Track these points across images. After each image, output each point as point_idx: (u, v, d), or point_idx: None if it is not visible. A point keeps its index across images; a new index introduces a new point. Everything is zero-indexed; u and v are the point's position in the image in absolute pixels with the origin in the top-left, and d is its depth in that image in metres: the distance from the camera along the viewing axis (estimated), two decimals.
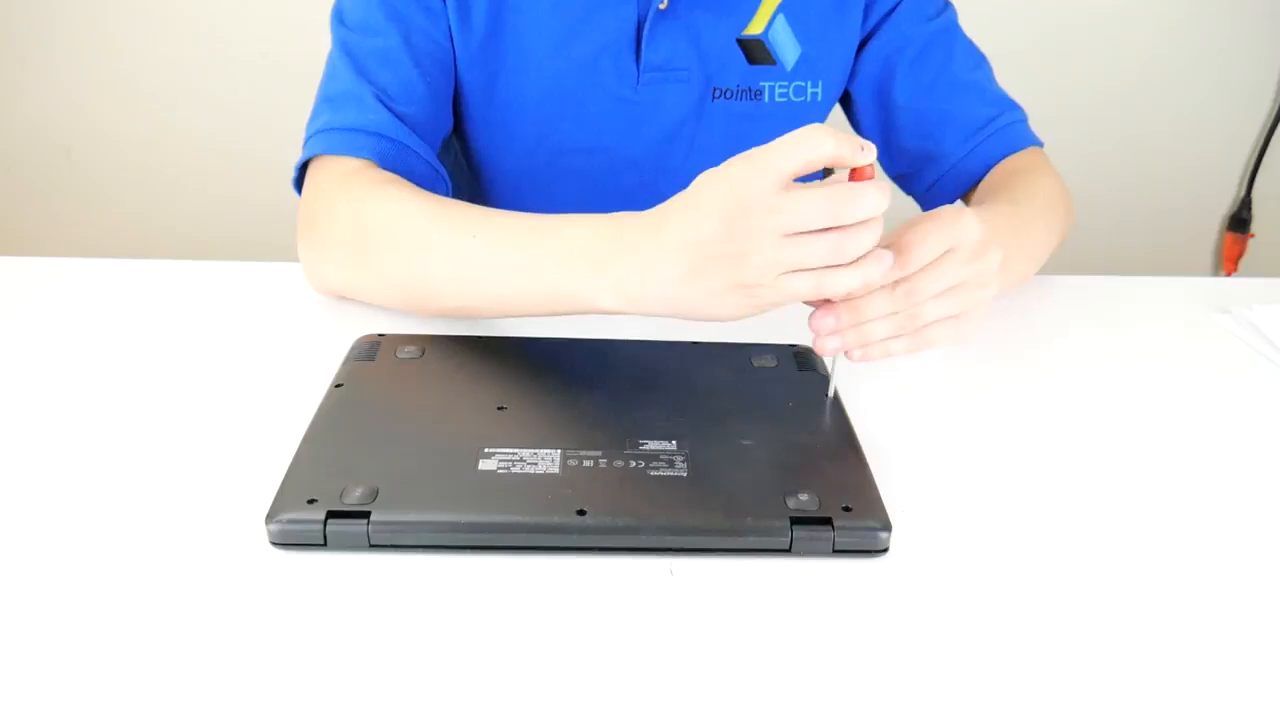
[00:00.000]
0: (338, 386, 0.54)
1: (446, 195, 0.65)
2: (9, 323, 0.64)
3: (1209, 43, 1.62)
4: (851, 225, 0.47)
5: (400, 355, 0.57)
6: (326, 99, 0.70)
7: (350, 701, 0.37)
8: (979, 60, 0.80)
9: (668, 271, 0.50)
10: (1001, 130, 0.77)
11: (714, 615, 0.41)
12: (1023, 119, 0.79)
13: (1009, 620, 0.42)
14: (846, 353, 0.52)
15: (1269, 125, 1.67)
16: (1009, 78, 0.84)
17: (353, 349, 0.58)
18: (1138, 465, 0.53)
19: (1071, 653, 0.40)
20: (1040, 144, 0.78)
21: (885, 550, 0.45)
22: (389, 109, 0.68)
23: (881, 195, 0.47)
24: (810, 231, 0.47)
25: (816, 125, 0.47)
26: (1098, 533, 0.47)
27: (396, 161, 0.67)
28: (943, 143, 0.78)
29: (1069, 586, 0.44)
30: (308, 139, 0.68)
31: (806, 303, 0.51)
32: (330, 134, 0.67)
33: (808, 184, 0.48)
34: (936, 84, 0.78)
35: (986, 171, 0.77)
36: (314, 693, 0.37)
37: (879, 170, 0.49)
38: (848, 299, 0.50)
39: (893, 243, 0.50)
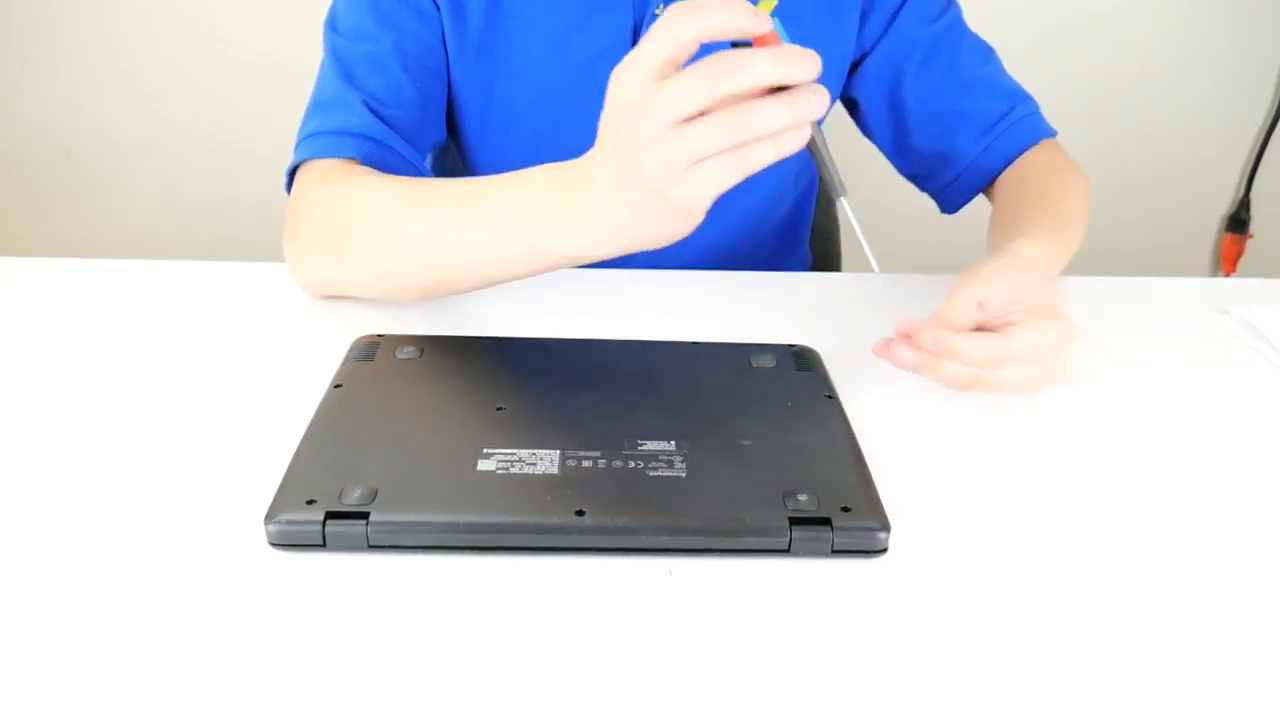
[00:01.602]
0: (337, 387, 0.54)
1: None
2: (9, 323, 0.64)
3: (1209, 43, 1.62)
4: (753, 98, 0.44)
5: (399, 355, 0.57)
6: (315, 105, 0.71)
7: (349, 702, 0.37)
8: (987, 54, 0.79)
9: (598, 200, 0.50)
10: (1016, 124, 0.76)
11: (713, 616, 0.41)
12: (1035, 110, 0.78)
13: (1008, 620, 0.42)
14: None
15: (1268, 125, 1.67)
16: None
17: (352, 349, 0.58)
18: (1137, 465, 0.53)
19: (1070, 653, 0.40)
20: (1054, 133, 0.78)
21: (884, 551, 0.45)
22: (375, 113, 0.69)
23: (781, 62, 0.43)
24: (702, 116, 0.44)
25: (686, 2, 0.45)
26: (1097, 533, 0.47)
27: (380, 162, 0.68)
28: (957, 143, 0.77)
29: (1068, 587, 0.44)
30: (297, 145, 0.69)
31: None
32: (317, 138, 0.68)
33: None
34: (945, 85, 0.78)
35: (1004, 166, 0.76)
36: (313, 694, 0.37)
37: (818, 71, 0.45)
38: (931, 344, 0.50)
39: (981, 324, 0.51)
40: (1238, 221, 1.74)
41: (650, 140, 0.45)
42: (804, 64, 0.45)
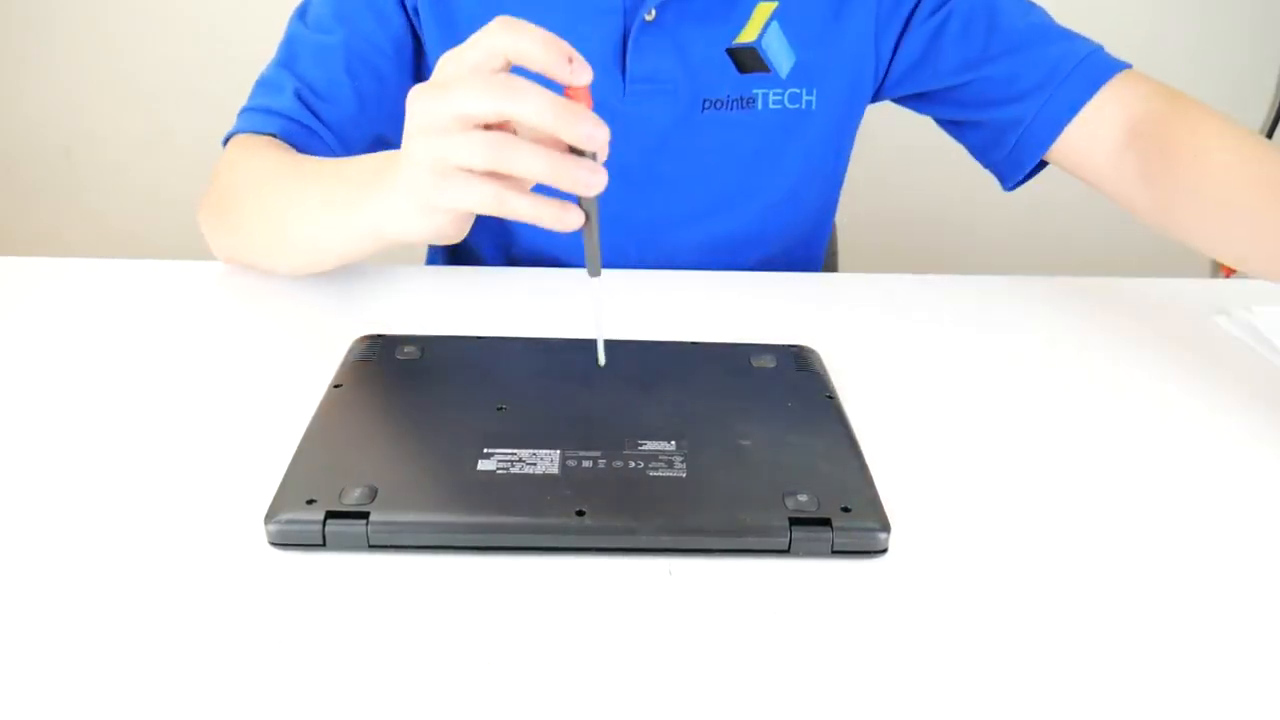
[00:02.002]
0: (337, 387, 0.54)
1: None
2: (9, 323, 0.64)
3: (1209, 43, 1.62)
4: (525, 140, 0.45)
5: (399, 355, 0.57)
6: (257, 83, 0.75)
7: (349, 702, 0.37)
8: (1028, 8, 0.77)
9: (393, 180, 0.51)
10: (1079, 68, 0.72)
11: (713, 616, 0.41)
12: (1098, 48, 0.75)
13: (1008, 621, 0.42)
14: None
15: (1268, 125, 1.67)
16: None
17: (352, 349, 0.58)
18: (1137, 466, 0.53)
19: (1070, 653, 0.40)
20: (1126, 66, 0.73)
21: (884, 551, 0.45)
22: (304, 102, 0.72)
23: (558, 111, 0.43)
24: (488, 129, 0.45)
25: (513, 21, 0.45)
26: (1097, 534, 0.47)
27: (301, 142, 0.71)
28: (1010, 106, 0.75)
29: (1068, 588, 0.44)
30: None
31: None
32: (246, 114, 0.73)
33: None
34: (989, 48, 0.75)
35: (1066, 120, 0.73)
36: (313, 693, 0.37)
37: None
38: None
39: None
40: None
41: (428, 125, 0.47)
42: (582, 126, 0.44)
